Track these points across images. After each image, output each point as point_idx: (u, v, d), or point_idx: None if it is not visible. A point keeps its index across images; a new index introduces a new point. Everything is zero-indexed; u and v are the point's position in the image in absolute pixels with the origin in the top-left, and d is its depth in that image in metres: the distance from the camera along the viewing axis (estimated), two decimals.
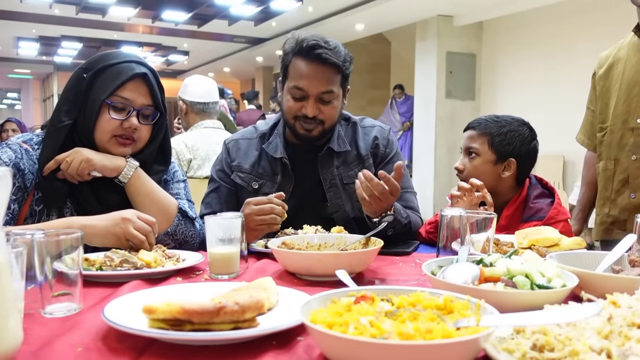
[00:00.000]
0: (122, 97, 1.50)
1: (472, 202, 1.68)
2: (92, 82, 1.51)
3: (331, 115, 1.78)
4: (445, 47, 8.02)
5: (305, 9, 8.99)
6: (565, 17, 6.89)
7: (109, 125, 1.50)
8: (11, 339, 0.74)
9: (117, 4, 9.08)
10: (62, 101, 1.53)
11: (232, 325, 0.83)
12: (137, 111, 1.52)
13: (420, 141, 8.32)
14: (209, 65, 15.44)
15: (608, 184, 2.04)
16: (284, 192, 1.68)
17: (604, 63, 2.09)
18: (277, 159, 1.84)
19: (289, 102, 1.78)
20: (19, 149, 1.49)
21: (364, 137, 1.91)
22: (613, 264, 1.18)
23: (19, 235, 1.00)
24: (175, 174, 1.75)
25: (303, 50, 1.72)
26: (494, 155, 1.85)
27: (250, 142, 1.91)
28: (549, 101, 6.98)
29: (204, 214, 1.72)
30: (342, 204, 1.82)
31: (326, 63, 1.72)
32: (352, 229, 1.75)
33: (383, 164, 1.89)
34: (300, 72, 1.73)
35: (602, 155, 2.07)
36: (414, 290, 0.89)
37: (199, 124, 3.07)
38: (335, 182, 1.83)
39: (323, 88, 1.73)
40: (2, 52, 14.14)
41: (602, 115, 2.08)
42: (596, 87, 2.12)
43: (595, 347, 0.70)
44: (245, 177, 1.85)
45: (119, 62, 1.52)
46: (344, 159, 1.86)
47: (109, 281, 1.21)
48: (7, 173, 0.74)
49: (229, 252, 1.28)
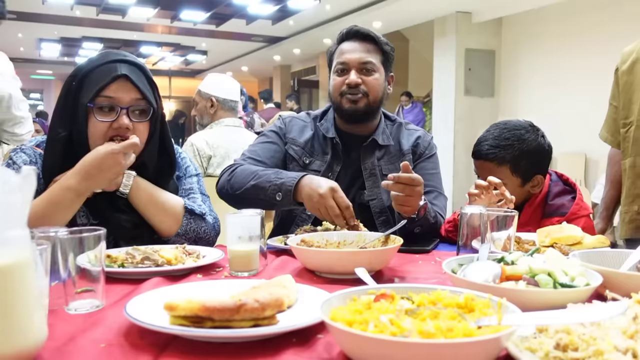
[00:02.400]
0: (107, 97, 1.44)
1: (491, 200, 1.66)
2: (78, 89, 1.47)
3: (374, 86, 1.86)
4: (464, 44, 7.94)
5: (323, 7, 8.99)
6: (585, 12, 6.77)
7: (98, 129, 1.45)
8: (36, 335, 0.75)
9: (136, 4, 9.19)
10: (55, 111, 1.51)
11: (252, 323, 0.83)
12: (126, 109, 1.46)
13: (439, 139, 8.22)
14: (227, 64, 15.53)
15: (637, 180, 2.00)
16: (331, 172, 1.87)
17: (627, 58, 2.06)
18: (329, 140, 1.93)
19: (334, 80, 1.89)
20: (32, 153, 1.51)
21: (408, 136, 2.00)
22: (638, 262, 1.16)
23: (43, 233, 1.02)
24: (188, 169, 1.74)
25: (344, 35, 1.91)
26: (519, 179, 1.81)
27: (305, 123, 2.01)
28: (570, 98, 6.87)
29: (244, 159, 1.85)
30: (380, 192, 1.89)
31: (364, 38, 1.88)
32: (387, 217, 1.88)
33: (419, 161, 1.97)
34: (342, 50, 1.89)
35: (628, 151, 2.03)
36: (434, 289, 0.88)
37: (220, 121, 3.07)
38: (375, 172, 1.91)
39: (363, 58, 1.85)
40: (25, 53, 14.39)
41: (625, 111, 2.05)
42: (619, 83, 2.09)
43: (620, 346, 0.69)
44: (298, 150, 1.93)
45: (101, 63, 1.47)
46: (386, 151, 1.94)
47: (131, 278, 1.23)
48: (32, 172, 0.76)
49: (249, 249, 1.29)
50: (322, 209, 1.55)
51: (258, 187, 1.69)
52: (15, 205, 0.74)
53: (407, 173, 1.52)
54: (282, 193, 1.63)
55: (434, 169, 1.97)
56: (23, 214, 0.75)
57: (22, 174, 0.75)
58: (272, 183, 1.66)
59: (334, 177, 1.87)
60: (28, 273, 0.75)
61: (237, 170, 1.78)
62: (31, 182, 0.76)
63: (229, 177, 1.78)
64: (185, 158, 1.77)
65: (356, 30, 1.88)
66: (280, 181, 1.65)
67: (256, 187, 1.69)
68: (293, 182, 1.62)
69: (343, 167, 1.91)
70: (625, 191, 2.06)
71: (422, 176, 1.57)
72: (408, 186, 1.52)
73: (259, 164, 1.84)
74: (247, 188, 1.71)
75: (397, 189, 1.53)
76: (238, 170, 1.78)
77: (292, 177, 1.64)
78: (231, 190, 1.76)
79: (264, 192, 1.67)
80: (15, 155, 1.51)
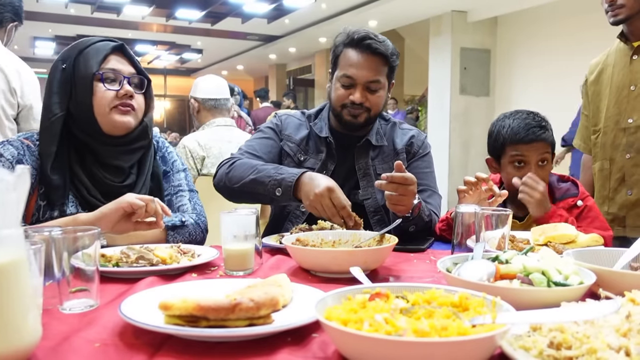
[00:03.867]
0: (110, 69, 1.54)
1: (481, 197, 1.67)
2: (74, 68, 1.53)
3: (377, 103, 1.86)
4: (460, 42, 7.96)
5: (319, 6, 8.99)
6: (580, 12, 6.80)
7: (106, 97, 1.52)
8: (31, 334, 0.75)
9: (131, 3, 9.17)
10: (49, 96, 1.54)
11: (247, 322, 0.83)
12: (127, 79, 1.55)
13: (434, 138, 8.26)
14: (223, 63, 15.51)
15: (605, 183, 2.13)
16: (326, 170, 1.86)
17: (594, 69, 2.22)
18: (323, 139, 1.93)
19: (338, 90, 1.86)
20: (20, 145, 1.50)
21: (402, 136, 2.00)
22: (631, 261, 1.16)
23: (37, 232, 1.02)
24: (175, 163, 1.76)
25: (354, 41, 1.82)
26: (552, 157, 1.90)
27: (300, 122, 2.01)
28: (564, 96, 6.88)
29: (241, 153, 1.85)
30: (374, 192, 1.89)
31: (375, 53, 1.81)
32: (381, 217, 1.89)
33: (413, 160, 1.96)
34: (350, 61, 1.82)
35: (597, 156, 2.17)
36: (429, 288, 0.88)
37: (211, 122, 3.10)
38: (369, 172, 1.91)
39: (371, 77, 1.82)
40: (19, 51, 14.25)
41: (595, 119, 2.19)
42: (588, 93, 2.24)
43: (613, 345, 0.69)
44: (293, 147, 1.94)
45: (93, 42, 1.56)
46: (380, 152, 1.95)
47: (125, 277, 1.22)
48: (26, 171, 0.75)
49: (244, 248, 1.29)
50: (319, 207, 1.55)
51: (257, 181, 1.69)
52: (9, 204, 0.73)
53: (400, 172, 1.52)
54: (282, 189, 1.63)
55: (428, 167, 1.98)
56: (17, 213, 0.75)
57: (16, 172, 0.75)
58: (272, 178, 1.66)
59: (329, 175, 1.86)
60: (22, 272, 0.75)
61: (236, 164, 1.78)
62: (25, 181, 0.75)
63: (227, 170, 1.78)
64: (173, 152, 1.79)
65: (368, 44, 1.80)
66: (281, 177, 1.65)
67: (255, 182, 1.69)
68: (293, 179, 1.62)
69: (337, 166, 1.92)
70: (596, 193, 2.18)
71: (416, 175, 1.58)
72: (401, 185, 1.53)
73: (257, 158, 1.84)
74: (246, 182, 1.71)
75: (390, 188, 1.53)
76: (237, 164, 1.78)
77: (293, 174, 1.64)
78: (229, 183, 1.76)
79: (264, 186, 1.67)
80: (2, 147, 1.49)
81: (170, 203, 1.70)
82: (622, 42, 2.08)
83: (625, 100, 2.04)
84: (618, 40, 2.11)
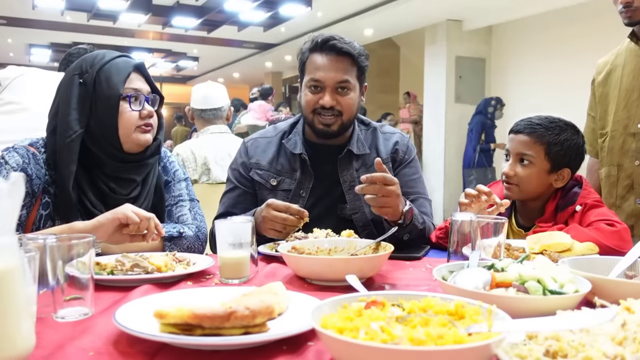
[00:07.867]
0: (133, 89, 1.55)
1: (481, 207, 1.66)
2: (95, 83, 1.52)
3: (348, 106, 1.79)
4: (455, 51, 8.01)
5: (315, 14, 9.02)
6: (574, 21, 6.86)
7: (132, 118, 1.54)
8: (24, 343, 0.75)
9: (127, 10, 9.16)
10: (67, 112, 1.50)
11: (243, 330, 0.83)
12: (147, 99, 1.58)
13: (430, 146, 8.30)
14: (219, 70, 15.54)
15: (612, 190, 2.04)
16: (303, 188, 1.79)
17: (602, 69, 2.11)
18: (296, 155, 1.85)
19: (306, 96, 1.81)
20: (26, 153, 1.48)
21: (385, 142, 1.93)
22: (626, 269, 1.17)
23: (31, 240, 1.01)
24: (176, 173, 1.76)
25: (318, 44, 1.78)
26: (549, 164, 1.77)
27: (269, 140, 1.93)
28: (559, 105, 6.92)
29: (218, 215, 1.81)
30: (362, 205, 1.82)
31: (341, 53, 1.76)
32: (370, 231, 1.80)
33: (400, 168, 1.90)
34: (316, 65, 1.78)
35: (604, 161, 2.07)
36: (425, 296, 0.88)
37: (205, 129, 3.14)
38: (354, 184, 1.82)
39: (339, 77, 1.76)
40: (15, 59, 14.29)
41: (602, 122, 2.09)
42: (595, 94, 2.14)
43: (609, 353, 0.69)
44: (263, 174, 1.87)
45: (112, 58, 1.56)
46: (363, 161, 1.87)
47: (120, 285, 1.22)
48: (20, 179, 0.75)
49: (239, 256, 1.29)
50: (273, 225, 1.59)
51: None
52: (3, 211, 0.73)
53: (381, 171, 1.50)
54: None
55: (416, 173, 1.92)
56: (12, 220, 0.75)
57: (10, 180, 0.74)
58: None
59: (307, 193, 1.83)
60: (16, 280, 0.74)
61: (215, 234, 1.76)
62: (20, 189, 0.75)
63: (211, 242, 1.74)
64: (174, 162, 1.79)
65: (332, 44, 1.75)
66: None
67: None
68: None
69: (317, 183, 1.84)
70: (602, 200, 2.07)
71: (405, 183, 1.55)
72: (383, 187, 1.49)
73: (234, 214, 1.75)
74: None
75: (371, 190, 1.50)
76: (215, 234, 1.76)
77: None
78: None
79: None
80: (7, 154, 1.48)
81: (170, 213, 1.70)
82: (634, 42, 1.99)
83: (635, 104, 1.96)
84: (628, 40, 2.02)
